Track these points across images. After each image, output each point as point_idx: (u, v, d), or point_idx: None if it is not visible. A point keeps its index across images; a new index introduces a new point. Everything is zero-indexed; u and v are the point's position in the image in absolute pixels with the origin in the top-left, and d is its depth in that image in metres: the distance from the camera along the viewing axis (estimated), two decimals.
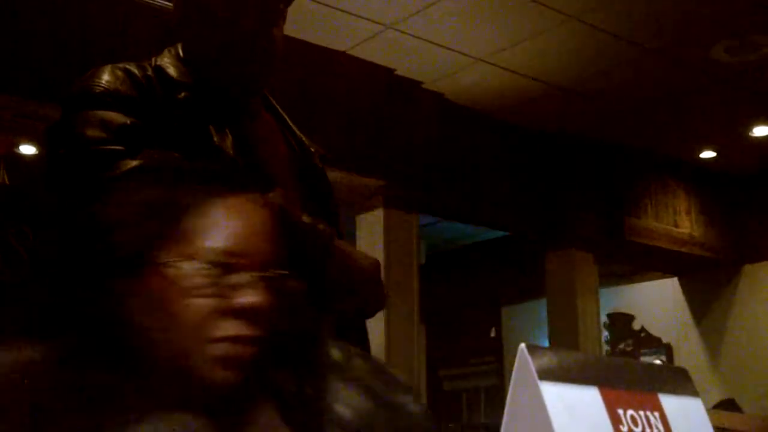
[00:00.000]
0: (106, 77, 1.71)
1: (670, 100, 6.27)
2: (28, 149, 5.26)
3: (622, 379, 0.84)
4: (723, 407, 6.04)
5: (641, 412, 0.82)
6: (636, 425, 0.81)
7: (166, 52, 1.84)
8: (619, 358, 6.73)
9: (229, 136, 1.72)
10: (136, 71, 1.73)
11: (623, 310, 8.97)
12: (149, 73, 1.75)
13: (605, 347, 8.32)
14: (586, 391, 0.78)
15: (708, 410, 0.92)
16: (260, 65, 1.81)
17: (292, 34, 4.97)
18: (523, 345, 0.77)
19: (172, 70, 1.77)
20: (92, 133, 1.61)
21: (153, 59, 1.81)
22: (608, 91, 6.08)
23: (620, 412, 0.80)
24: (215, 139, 1.70)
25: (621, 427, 0.79)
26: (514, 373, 0.77)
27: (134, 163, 1.53)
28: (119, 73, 1.72)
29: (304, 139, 1.95)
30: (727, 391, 7.61)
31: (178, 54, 1.83)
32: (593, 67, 5.71)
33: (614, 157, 7.15)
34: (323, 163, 1.97)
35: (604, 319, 8.06)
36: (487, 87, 5.92)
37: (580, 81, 5.91)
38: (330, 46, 5.28)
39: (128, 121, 1.62)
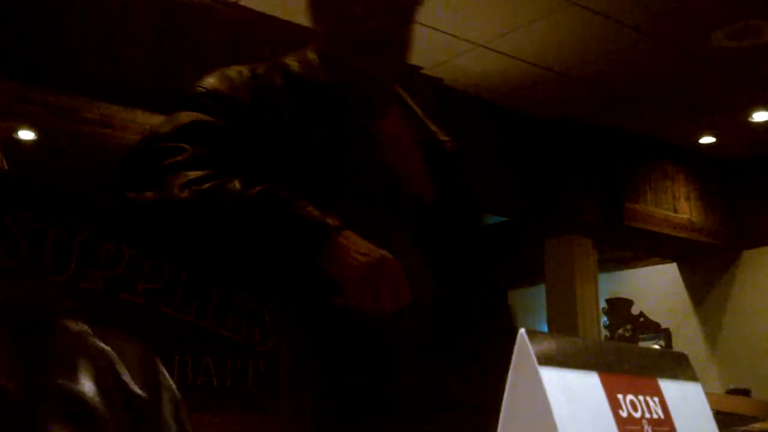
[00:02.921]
0: (212, 80, 1.74)
1: (670, 85, 6.26)
2: (26, 134, 5.25)
3: (622, 364, 0.84)
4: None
5: (641, 397, 0.82)
6: (635, 410, 0.80)
7: (300, 51, 1.86)
8: (618, 343, 6.74)
9: (354, 134, 1.74)
10: (258, 71, 1.77)
11: (622, 295, 8.97)
12: (272, 72, 1.77)
13: (604, 332, 8.33)
14: (585, 376, 0.78)
15: (709, 394, 0.92)
16: (390, 65, 1.83)
17: (291, 19, 4.96)
18: (522, 330, 0.76)
19: (296, 66, 1.79)
20: (163, 129, 1.66)
21: (282, 58, 1.83)
22: (608, 76, 6.07)
23: (620, 397, 0.80)
24: (342, 136, 1.72)
25: (620, 412, 0.79)
26: (513, 358, 0.77)
27: (179, 157, 1.58)
28: (232, 74, 1.75)
29: (436, 130, 1.97)
30: (726, 376, 7.64)
31: (309, 52, 1.84)
32: (593, 52, 5.70)
33: (614, 143, 7.14)
34: (457, 153, 1.97)
35: (603, 304, 8.07)
36: (487, 72, 5.91)
37: (580, 66, 5.90)
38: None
39: (206, 121, 1.65)
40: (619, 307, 8.94)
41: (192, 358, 2.36)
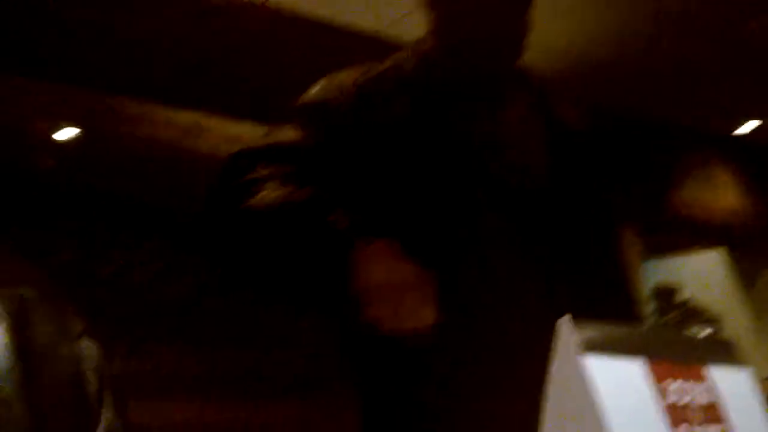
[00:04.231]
0: (315, 90, 1.77)
1: (711, 73, 6.21)
2: (66, 134, 5.29)
3: (669, 351, 0.83)
4: None
5: (688, 384, 0.81)
6: (683, 397, 0.79)
7: (417, 45, 1.85)
8: (665, 329, 6.68)
9: (471, 130, 1.73)
10: (369, 74, 1.77)
11: (670, 282, 8.89)
12: (384, 75, 1.78)
13: (651, 319, 8.26)
14: (631, 363, 0.77)
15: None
16: (506, 55, 1.80)
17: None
18: (566, 317, 0.75)
19: (409, 66, 1.79)
20: (254, 143, 1.73)
21: (399, 54, 1.83)
22: (650, 66, 6.03)
23: (667, 383, 0.79)
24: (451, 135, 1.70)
25: (667, 398, 0.78)
26: (557, 346, 0.76)
27: (254, 175, 1.62)
28: (336, 83, 1.77)
29: (562, 114, 1.92)
30: None
31: (425, 45, 1.83)
32: (632, 43, 5.66)
33: (657, 132, 7.08)
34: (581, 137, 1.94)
35: (650, 291, 8.01)
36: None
37: (621, 57, 5.85)
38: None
39: (289, 143, 1.69)
40: (666, 294, 8.85)
41: (236, 349, 2.38)
